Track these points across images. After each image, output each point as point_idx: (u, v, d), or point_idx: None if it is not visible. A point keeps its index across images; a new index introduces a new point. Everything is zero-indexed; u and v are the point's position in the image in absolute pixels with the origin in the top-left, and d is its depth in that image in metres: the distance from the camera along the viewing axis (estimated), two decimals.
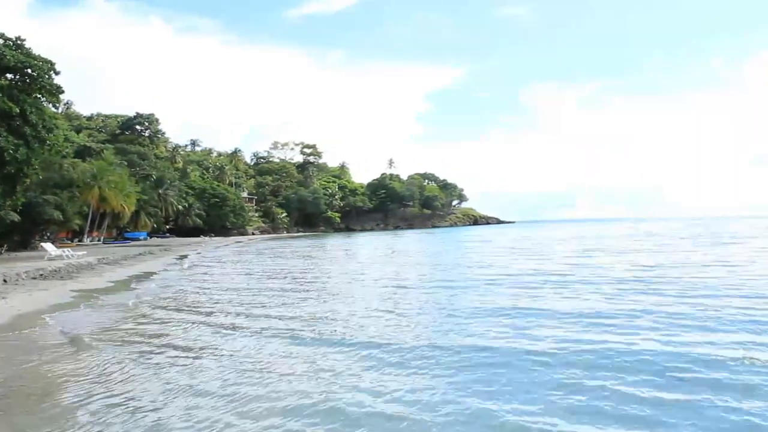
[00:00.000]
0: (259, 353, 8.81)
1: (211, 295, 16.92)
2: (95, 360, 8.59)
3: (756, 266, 19.97)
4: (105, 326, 11.64)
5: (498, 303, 12.97)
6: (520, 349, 8.33)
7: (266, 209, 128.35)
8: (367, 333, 9.93)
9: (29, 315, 12.94)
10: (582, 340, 8.79)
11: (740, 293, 13.30)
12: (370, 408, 6.14)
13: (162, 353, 8.95)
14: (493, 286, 16.46)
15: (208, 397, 6.62)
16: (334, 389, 6.78)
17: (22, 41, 33.65)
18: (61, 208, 43.74)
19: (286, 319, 11.84)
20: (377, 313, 12.30)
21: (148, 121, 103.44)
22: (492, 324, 10.39)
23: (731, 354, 7.57)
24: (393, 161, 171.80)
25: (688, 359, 7.39)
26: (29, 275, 20.62)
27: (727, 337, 8.72)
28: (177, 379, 7.44)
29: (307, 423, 5.78)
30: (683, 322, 9.92)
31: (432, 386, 6.80)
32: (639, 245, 37.22)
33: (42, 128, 33.12)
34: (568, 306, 12.04)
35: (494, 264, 25.41)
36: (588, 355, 7.85)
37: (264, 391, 6.79)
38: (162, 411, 6.22)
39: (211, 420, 5.90)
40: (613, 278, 17.25)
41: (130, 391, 6.94)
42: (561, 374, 7.02)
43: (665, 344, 8.28)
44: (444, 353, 8.28)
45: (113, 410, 6.28)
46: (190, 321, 11.97)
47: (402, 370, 7.56)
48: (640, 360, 7.49)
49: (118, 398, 6.70)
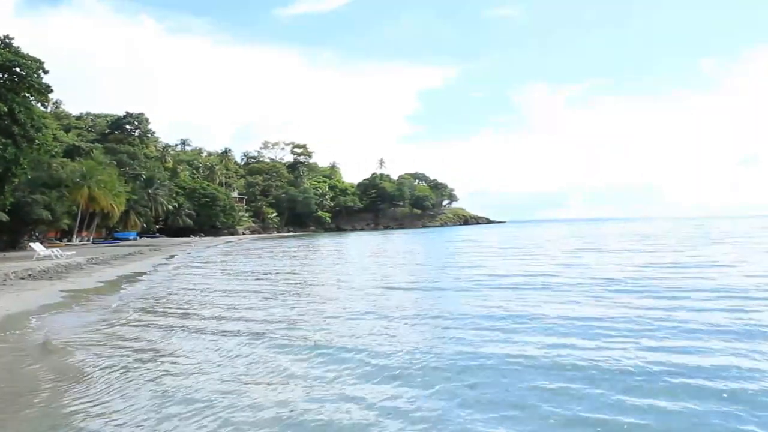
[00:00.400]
0: (235, 359, 8.60)
1: (194, 297, 16.77)
2: (65, 364, 8.57)
3: (746, 267, 20.20)
4: (84, 329, 11.55)
5: (485, 307, 12.83)
6: (503, 355, 8.19)
7: (256, 209, 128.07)
8: (350, 339, 9.70)
9: (16, 316, 12.94)
10: (569, 345, 8.67)
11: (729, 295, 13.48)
12: (346, 417, 5.97)
13: (136, 359, 8.77)
14: (482, 288, 16.34)
15: (178, 405, 6.46)
16: (312, 397, 6.65)
17: (10, 40, 33.50)
18: (50, 207, 43.50)
19: (266, 323, 11.64)
20: (360, 317, 12.10)
21: (138, 121, 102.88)
22: (479, 329, 10.21)
23: (722, 362, 7.48)
24: (384, 161, 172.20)
25: (675, 366, 7.29)
26: (18, 275, 20.57)
27: (721, 344, 8.53)
28: (146, 386, 7.27)
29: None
30: (670, 326, 9.96)
31: (413, 395, 6.67)
32: (630, 245, 37.54)
33: (30, 127, 32.99)
34: (555, 311, 11.89)
35: (483, 265, 25.49)
36: (576, 361, 7.68)
37: (240, 402, 6.55)
38: (126, 420, 6.11)
39: (178, 429, 5.83)
40: (602, 280, 17.19)
41: (96, 397, 6.88)
42: (547, 382, 6.84)
43: (654, 351, 8.18)
44: (428, 360, 8.11)
45: (73, 417, 6.24)
46: (169, 325, 11.76)
47: (382, 377, 7.40)
48: (629, 367, 7.33)
49: (80, 403, 6.68)
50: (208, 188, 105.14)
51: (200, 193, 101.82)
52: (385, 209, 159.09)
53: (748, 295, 13.14)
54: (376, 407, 6.29)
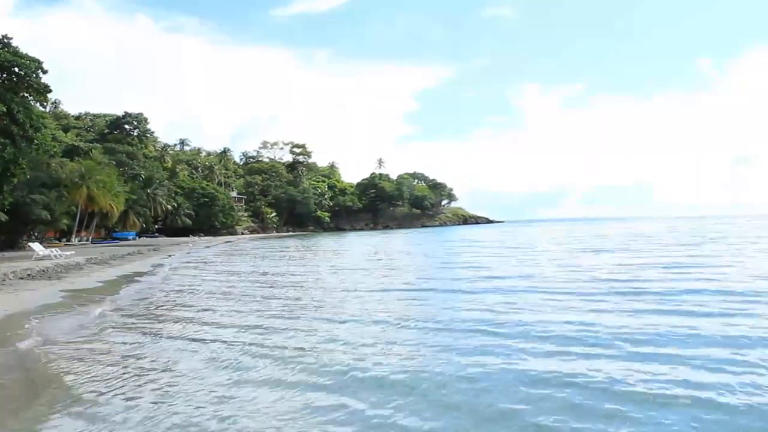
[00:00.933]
0: (221, 375, 8.06)
1: (189, 300, 16.53)
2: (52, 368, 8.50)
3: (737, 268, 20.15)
4: (79, 331, 11.48)
5: (482, 313, 12.29)
6: (504, 369, 7.80)
7: (255, 209, 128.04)
8: (343, 350, 9.18)
9: (14, 316, 12.90)
10: (567, 353, 8.43)
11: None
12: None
13: (115, 368, 8.52)
14: (479, 293, 15.82)
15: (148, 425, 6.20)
16: (295, 411, 6.37)
17: (9, 40, 33.46)
18: (49, 207, 43.44)
19: (256, 332, 11.00)
20: (354, 323, 11.64)
21: (137, 121, 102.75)
22: (475, 335, 9.85)
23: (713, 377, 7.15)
24: (383, 161, 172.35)
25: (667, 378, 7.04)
26: (17, 275, 20.53)
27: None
28: (119, 400, 6.98)
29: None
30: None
31: (402, 405, 6.43)
32: (628, 245, 37.53)
33: (29, 127, 32.97)
34: (554, 317, 11.43)
35: (486, 267, 25.41)
36: (574, 372, 7.39)
37: (216, 426, 6.06)
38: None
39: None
40: (598, 282, 17.11)
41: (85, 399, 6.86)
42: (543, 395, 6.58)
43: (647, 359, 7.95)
44: (422, 372, 7.75)
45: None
46: (153, 333, 11.39)
47: (371, 387, 7.13)
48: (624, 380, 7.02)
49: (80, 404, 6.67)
50: (207, 188, 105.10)
51: (199, 193, 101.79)
52: (384, 209, 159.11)
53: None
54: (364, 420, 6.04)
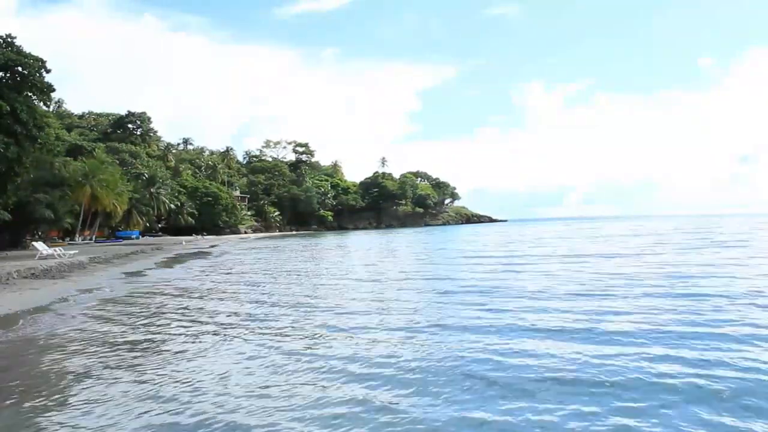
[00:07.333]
0: (243, 364, 8.25)
1: (191, 298, 16.42)
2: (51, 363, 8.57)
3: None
4: (82, 327, 11.53)
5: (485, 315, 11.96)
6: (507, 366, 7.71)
7: (259, 208, 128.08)
8: (339, 350, 9.08)
9: (13, 316, 12.92)
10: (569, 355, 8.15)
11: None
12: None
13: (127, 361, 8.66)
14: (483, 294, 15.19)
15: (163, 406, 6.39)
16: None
17: (12, 39, 33.47)
18: (53, 207, 43.45)
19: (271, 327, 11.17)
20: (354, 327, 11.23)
21: (140, 120, 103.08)
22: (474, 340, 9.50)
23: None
24: (385, 160, 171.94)
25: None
26: (20, 274, 20.53)
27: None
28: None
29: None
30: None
31: (399, 407, 6.32)
32: (636, 246, 37.35)
33: (33, 126, 32.99)
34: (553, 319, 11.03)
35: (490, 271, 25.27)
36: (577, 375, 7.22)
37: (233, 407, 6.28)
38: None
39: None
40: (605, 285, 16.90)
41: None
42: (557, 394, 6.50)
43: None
44: (422, 372, 7.65)
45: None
46: (167, 324, 11.57)
47: (369, 386, 7.04)
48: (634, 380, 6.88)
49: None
50: (210, 187, 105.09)
51: (202, 192, 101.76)
52: (387, 208, 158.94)
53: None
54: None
